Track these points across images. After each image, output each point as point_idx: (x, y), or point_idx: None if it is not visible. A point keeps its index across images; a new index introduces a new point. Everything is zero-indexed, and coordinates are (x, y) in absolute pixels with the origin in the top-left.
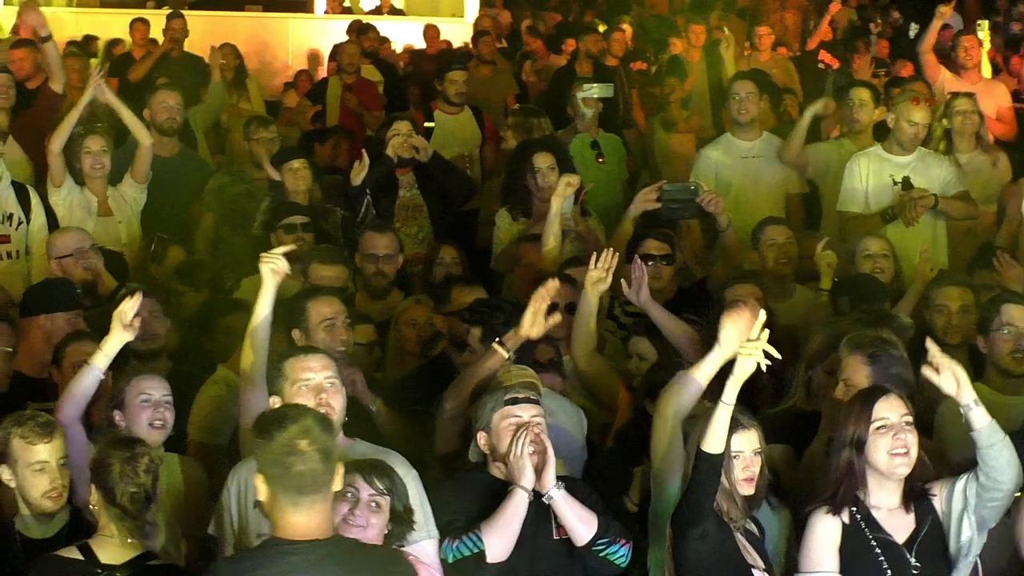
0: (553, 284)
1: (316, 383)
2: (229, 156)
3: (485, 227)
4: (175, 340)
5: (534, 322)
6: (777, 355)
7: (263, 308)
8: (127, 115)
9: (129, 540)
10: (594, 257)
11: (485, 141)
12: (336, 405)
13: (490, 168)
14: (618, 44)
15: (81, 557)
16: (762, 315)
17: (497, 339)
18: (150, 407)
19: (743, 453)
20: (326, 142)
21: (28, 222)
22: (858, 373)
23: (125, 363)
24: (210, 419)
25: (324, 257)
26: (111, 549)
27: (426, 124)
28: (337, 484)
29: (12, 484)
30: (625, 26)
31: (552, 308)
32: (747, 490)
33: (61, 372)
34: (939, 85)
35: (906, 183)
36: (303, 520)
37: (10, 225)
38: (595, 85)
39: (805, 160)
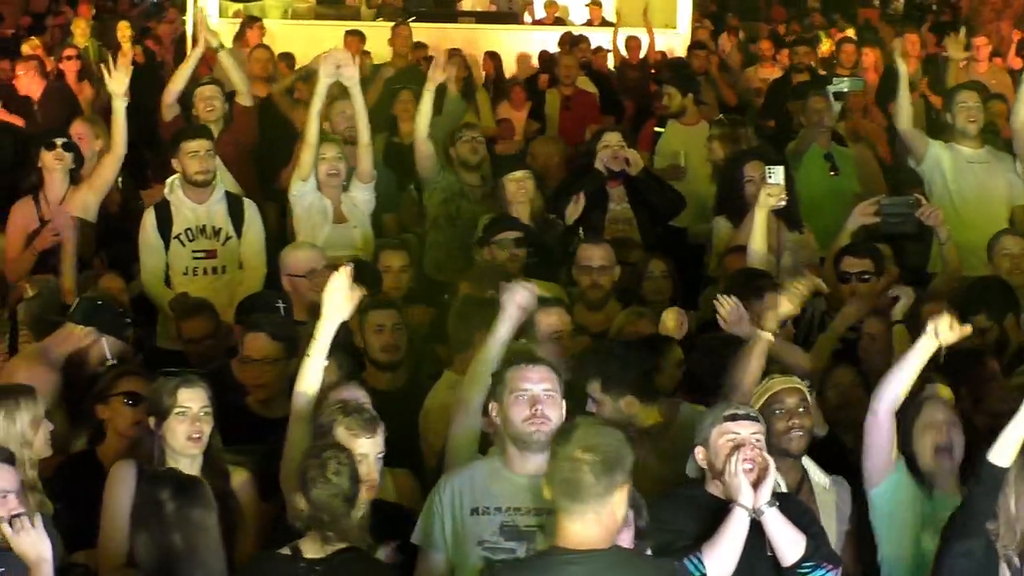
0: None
1: (533, 394)
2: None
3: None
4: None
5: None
6: None
7: (497, 341)
8: (361, 108)
9: (331, 535)
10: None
11: None
12: (552, 416)
13: None
14: (848, 55)
15: (289, 553)
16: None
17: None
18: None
19: None
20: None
21: (239, 236)
22: None
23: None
24: (442, 424)
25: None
26: (316, 545)
27: (656, 129)
28: (617, 501)
29: None
30: (849, 36)
31: None
32: None
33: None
34: None
35: None
36: (578, 528)
37: (218, 240)
38: (845, 79)
39: None
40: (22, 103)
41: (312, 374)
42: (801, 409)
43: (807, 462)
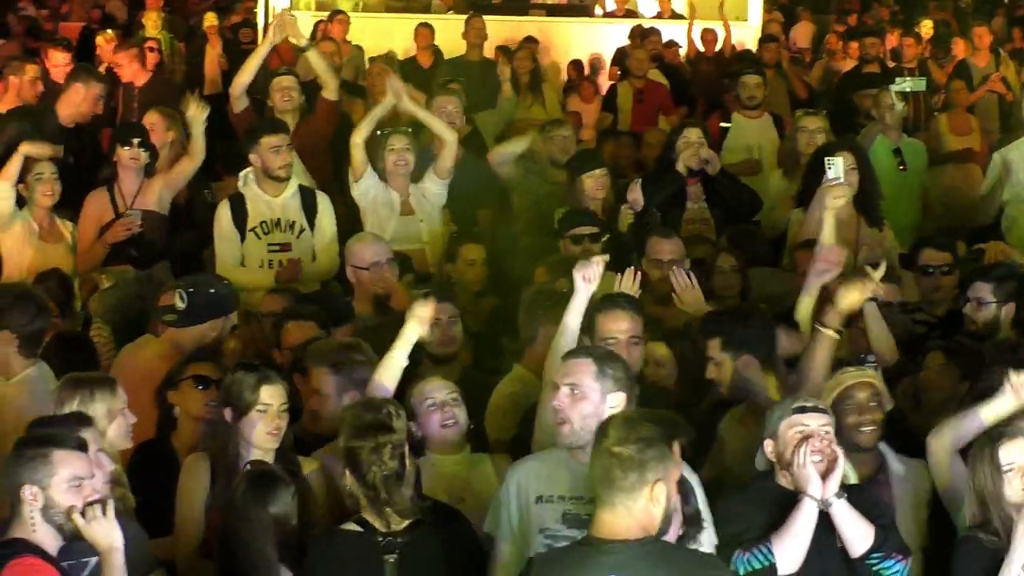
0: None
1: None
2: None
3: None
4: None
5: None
6: None
7: (573, 317)
8: (425, 115)
9: (389, 511)
10: None
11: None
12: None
13: None
14: (911, 48)
15: (359, 529)
16: None
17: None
18: (437, 409)
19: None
20: (610, 143)
21: (312, 228)
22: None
23: (418, 364)
24: (508, 417)
25: None
26: (381, 521)
27: (722, 124)
28: (655, 493)
29: None
30: (924, 28)
31: None
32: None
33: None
34: None
35: None
36: (611, 520)
37: (292, 233)
38: (907, 79)
39: None
40: (125, 89)
41: (392, 368)
42: (872, 403)
43: (885, 449)
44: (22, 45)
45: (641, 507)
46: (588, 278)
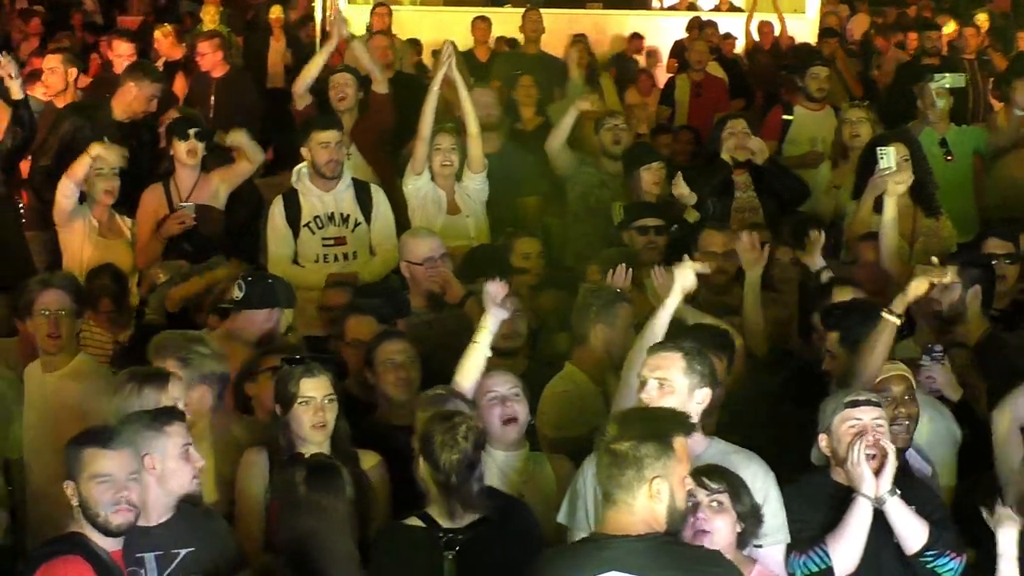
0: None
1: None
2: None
3: None
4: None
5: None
6: None
7: (662, 321)
8: (466, 97)
9: (458, 505)
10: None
11: None
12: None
13: None
14: (971, 39)
15: (423, 524)
16: None
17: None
18: (498, 403)
19: None
20: (667, 137)
21: (368, 222)
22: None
23: None
24: (559, 415)
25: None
26: (446, 515)
27: (784, 117)
28: (655, 489)
29: None
30: (981, 20)
31: None
32: None
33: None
34: None
35: None
36: (613, 516)
37: (347, 227)
38: (947, 75)
39: None
40: (201, 79)
41: (474, 361)
42: (907, 397)
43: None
44: (82, 40)
45: (642, 504)
46: (685, 285)
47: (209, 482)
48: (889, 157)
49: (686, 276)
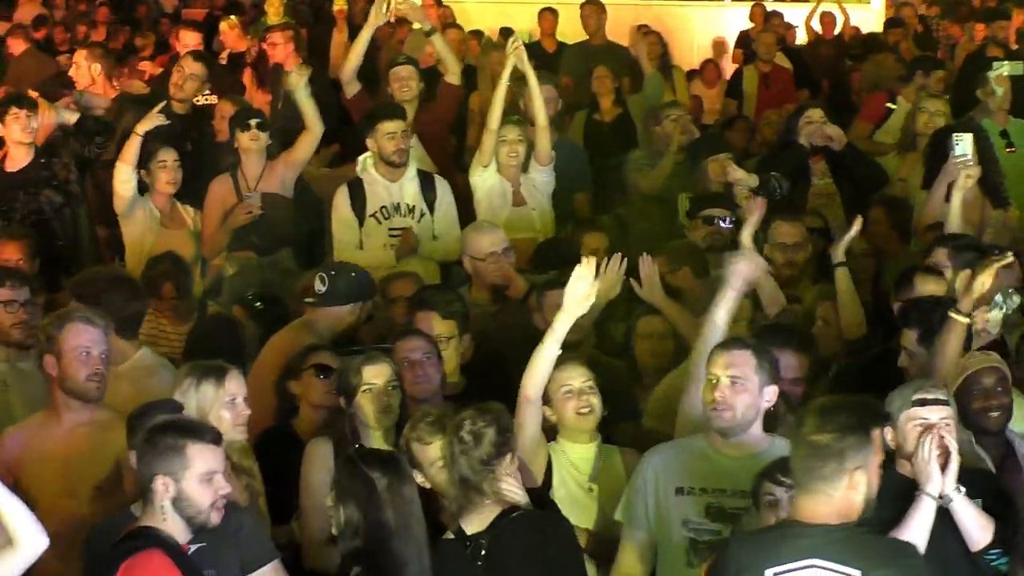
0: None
1: (720, 381)
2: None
3: None
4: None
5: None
6: None
7: (723, 313)
8: (535, 88)
9: (486, 502)
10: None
11: None
12: (736, 403)
13: None
14: None
15: (453, 537)
16: None
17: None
18: (573, 396)
19: None
20: (735, 127)
21: (432, 212)
22: None
23: None
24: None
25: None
26: (475, 519)
27: (888, 105)
28: (855, 480)
29: (427, 485)
30: None
31: None
32: None
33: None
34: None
35: None
36: (810, 506)
37: (412, 218)
38: (1005, 63)
39: None
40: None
41: (544, 361)
42: (999, 388)
43: (1012, 435)
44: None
45: (841, 494)
46: (748, 277)
47: None
48: (965, 144)
49: (748, 268)
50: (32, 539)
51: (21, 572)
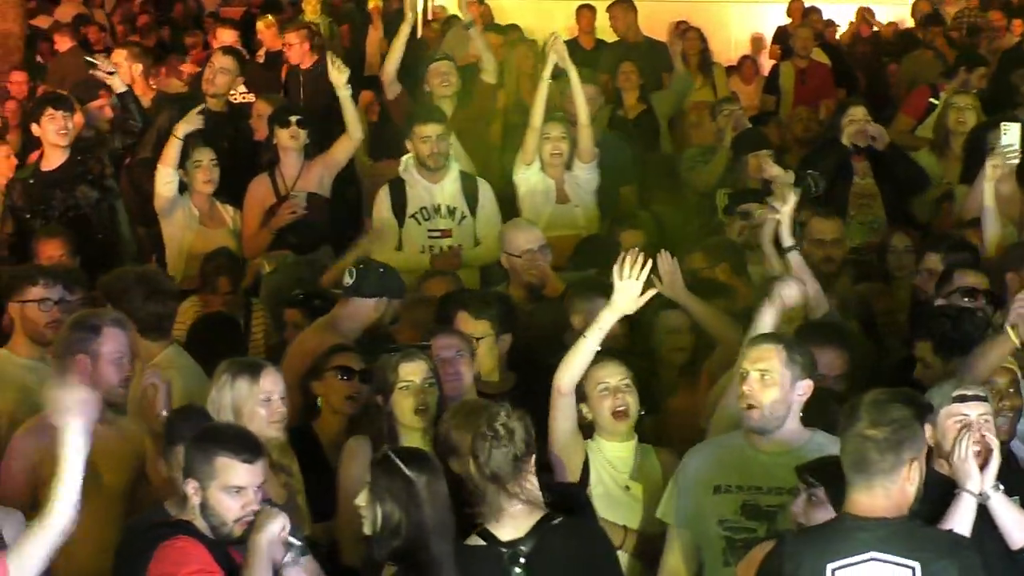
0: None
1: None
2: (681, 141)
3: None
4: None
5: None
6: None
7: (767, 320)
8: (577, 86)
9: (519, 507)
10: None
11: None
12: (763, 400)
13: None
14: None
15: (483, 542)
16: None
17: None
18: (610, 395)
19: None
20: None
21: (474, 214)
22: None
23: None
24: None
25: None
26: (508, 524)
27: (931, 100)
28: (912, 472)
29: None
30: None
31: None
32: None
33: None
34: None
35: None
36: (866, 500)
37: (452, 219)
38: None
39: None
40: (292, 71)
41: (582, 355)
42: (1012, 389)
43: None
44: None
45: (898, 487)
46: (789, 299)
47: None
48: (1013, 133)
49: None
50: (65, 514)
51: (54, 546)
